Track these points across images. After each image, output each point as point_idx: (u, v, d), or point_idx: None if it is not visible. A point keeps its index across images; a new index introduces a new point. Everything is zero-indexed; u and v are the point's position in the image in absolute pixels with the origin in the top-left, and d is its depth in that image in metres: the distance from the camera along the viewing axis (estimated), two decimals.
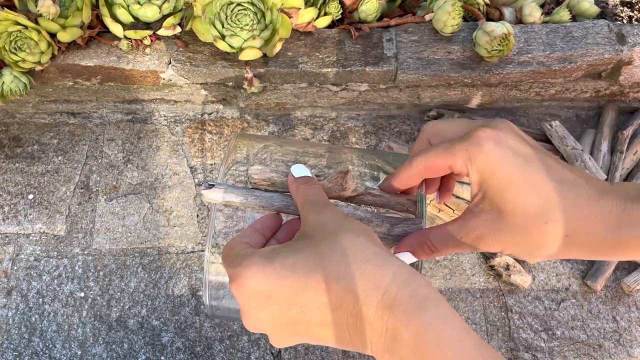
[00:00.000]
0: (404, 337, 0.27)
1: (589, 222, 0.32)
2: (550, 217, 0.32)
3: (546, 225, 0.32)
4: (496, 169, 0.32)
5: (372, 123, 0.90)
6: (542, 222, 0.32)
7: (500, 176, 0.32)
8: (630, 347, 0.75)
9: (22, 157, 0.86)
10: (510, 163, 0.32)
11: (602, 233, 0.32)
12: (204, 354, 0.74)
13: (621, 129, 0.86)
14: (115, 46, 0.79)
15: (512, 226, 0.33)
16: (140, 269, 0.79)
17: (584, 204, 0.32)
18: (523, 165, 0.32)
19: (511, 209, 0.32)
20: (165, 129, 0.89)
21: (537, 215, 0.32)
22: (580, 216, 0.32)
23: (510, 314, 0.77)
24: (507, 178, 0.32)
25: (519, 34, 0.80)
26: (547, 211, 0.32)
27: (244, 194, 0.39)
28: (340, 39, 0.81)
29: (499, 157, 0.32)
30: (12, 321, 0.76)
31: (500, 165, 0.32)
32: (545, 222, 0.32)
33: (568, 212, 0.32)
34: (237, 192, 0.39)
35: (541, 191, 0.32)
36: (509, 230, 0.33)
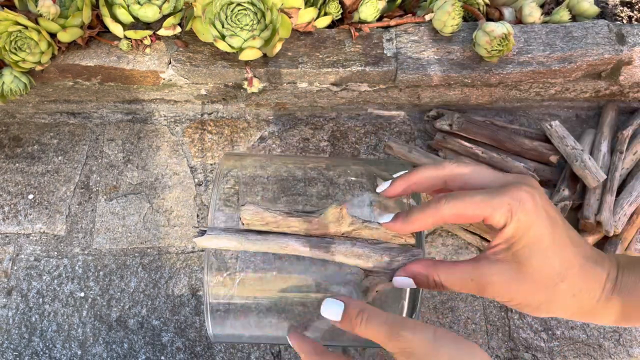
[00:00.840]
0: None
1: (590, 285, 0.36)
2: (566, 276, 0.35)
3: (562, 284, 0.35)
4: (532, 227, 0.35)
5: (372, 123, 0.90)
6: (558, 281, 0.35)
7: (534, 234, 0.35)
8: (630, 347, 0.76)
9: (22, 157, 0.86)
10: (543, 223, 0.35)
11: (597, 296, 0.36)
12: (204, 353, 0.74)
13: (621, 129, 0.86)
14: (115, 46, 0.79)
15: (529, 281, 0.35)
16: (141, 268, 0.79)
17: (590, 267, 0.36)
18: (552, 227, 0.35)
19: (534, 265, 0.35)
20: (165, 129, 0.89)
21: (556, 274, 0.35)
22: (588, 278, 0.36)
23: (510, 313, 0.77)
24: (539, 236, 0.35)
25: (518, 34, 0.81)
26: (564, 270, 0.35)
27: (238, 238, 0.38)
28: (340, 39, 0.81)
29: (537, 216, 0.35)
30: (12, 321, 0.76)
31: (536, 224, 0.35)
32: (562, 281, 0.35)
33: (579, 274, 0.36)
34: (230, 237, 0.38)
35: (564, 252, 0.35)
36: (524, 283, 0.35)
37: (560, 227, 0.36)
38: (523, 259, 0.35)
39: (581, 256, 0.36)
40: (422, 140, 0.89)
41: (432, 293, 0.78)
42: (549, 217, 0.35)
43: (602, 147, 0.84)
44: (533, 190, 0.35)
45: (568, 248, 0.36)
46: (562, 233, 0.36)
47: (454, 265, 0.37)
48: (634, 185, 0.81)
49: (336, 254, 0.39)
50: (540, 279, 0.35)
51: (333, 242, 0.39)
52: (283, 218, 0.38)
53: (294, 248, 0.38)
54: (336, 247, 0.39)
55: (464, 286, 0.36)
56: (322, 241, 0.39)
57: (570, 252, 0.36)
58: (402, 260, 0.39)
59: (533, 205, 0.35)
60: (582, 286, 0.36)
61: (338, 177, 0.47)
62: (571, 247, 0.36)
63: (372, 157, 0.87)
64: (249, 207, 0.38)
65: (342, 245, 0.39)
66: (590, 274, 0.36)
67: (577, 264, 0.36)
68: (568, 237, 0.36)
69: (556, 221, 0.36)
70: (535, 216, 0.35)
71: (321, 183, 0.47)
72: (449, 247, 0.81)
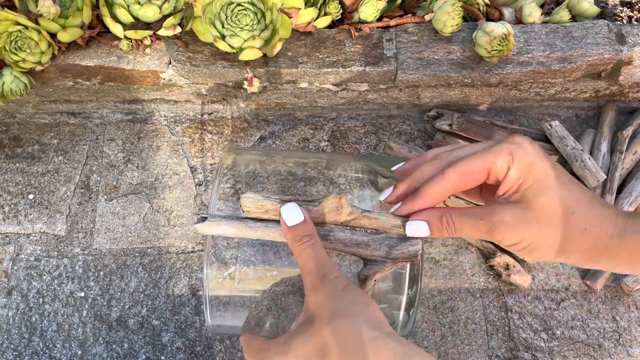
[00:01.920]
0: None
1: (602, 220, 0.36)
2: (575, 210, 0.35)
3: (572, 217, 0.35)
4: (534, 165, 0.35)
5: (372, 123, 0.90)
6: (569, 214, 0.35)
7: (538, 172, 0.35)
8: (630, 346, 0.75)
9: (23, 157, 0.87)
10: (544, 162, 0.36)
11: (611, 232, 0.35)
12: (204, 353, 0.74)
13: (621, 128, 0.86)
14: (116, 46, 0.79)
15: (539, 217, 0.35)
16: (141, 268, 0.79)
17: (598, 205, 0.36)
18: (553, 166, 0.36)
19: (543, 201, 0.35)
20: (165, 129, 0.89)
21: (566, 207, 0.35)
22: (597, 213, 0.36)
23: (510, 313, 0.77)
24: (543, 173, 0.35)
25: (518, 34, 0.81)
26: (574, 203, 0.35)
27: (238, 225, 0.39)
28: (340, 39, 0.81)
29: (536, 155, 0.36)
30: (13, 321, 0.76)
31: (537, 162, 0.36)
32: (572, 214, 0.35)
33: (589, 208, 0.35)
34: (230, 224, 0.38)
35: (570, 187, 0.36)
36: (534, 222, 0.35)
37: (560, 168, 0.37)
38: (531, 197, 0.35)
39: (588, 193, 0.36)
40: (422, 140, 0.89)
41: (432, 293, 0.78)
42: (547, 158, 0.36)
43: (602, 147, 0.84)
44: (526, 138, 0.37)
45: (573, 184, 0.36)
46: (563, 172, 0.36)
47: (466, 207, 0.38)
48: (634, 185, 0.80)
49: (335, 242, 0.39)
50: (551, 214, 0.35)
51: (332, 230, 0.39)
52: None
53: None
54: (335, 236, 0.39)
55: (474, 227, 0.36)
56: (321, 230, 0.39)
57: (577, 187, 0.36)
58: (399, 250, 0.39)
59: (530, 146, 0.36)
60: (593, 220, 0.35)
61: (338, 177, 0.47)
62: (576, 184, 0.36)
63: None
64: (249, 194, 0.38)
65: (341, 233, 0.39)
66: (599, 209, 0.36)
67: (585, 199, 0.36)
68: (570, 177, 0.37)
69: (554, 163, 0.37)
70: (535, 155, 0.36)
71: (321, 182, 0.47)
72: (449, 247, 0.81)
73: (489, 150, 0.36)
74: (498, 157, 0.36)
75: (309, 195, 0.46)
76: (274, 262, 0.43)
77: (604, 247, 0.36)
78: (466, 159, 0.36)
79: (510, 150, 0.36)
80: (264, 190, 0.45)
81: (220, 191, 0.44)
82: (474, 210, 0.37)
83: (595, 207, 0.36)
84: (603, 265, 0.37)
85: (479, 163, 0.36)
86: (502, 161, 0.36)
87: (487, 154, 0.36)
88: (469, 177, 0.36)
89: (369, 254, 0.39)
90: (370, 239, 0.39)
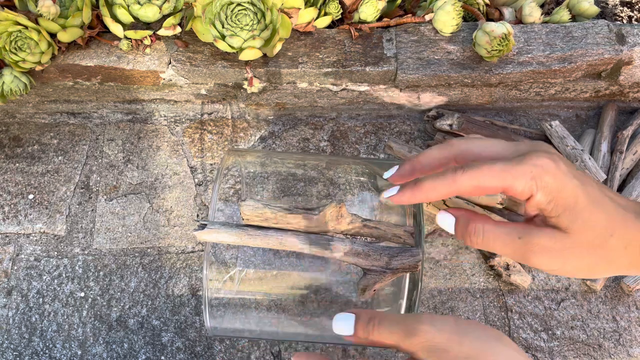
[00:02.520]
0: None
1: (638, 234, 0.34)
2: (614, 231, 0.34)
3: (611, 238, 0.33)
4: (563, 190, 0.33)
5: (372, 123, 0.90)
6: (608, 236, 0.33)
7: (568, 196, 0.33)
8: (630, 347, 0.75)
9: (22, 157, 0.87)
10: (573, 183, 0.33)
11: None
12: (204, 353, 0.74)
13: (621, 129, 0.86)
14: (116, 46, 0.79)
15: (578, 245, 0.34)
16: (141, 268, 0.79)
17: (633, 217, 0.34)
18: (584, 185, 0.34)
19: (579, 227, 0.33)
20: (165, 129, 0.89)
21: (604, 229, 0.33)
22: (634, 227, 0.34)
23: (510, 313, 0.77)
24: (575, 197, 0.33)
25: (518, 34, 0.81)
26: (611, 224, 0.34)
27: (238, 233, 0.38)
28: (340, 39, 0.81)
29: (565, 177, 0.33)
30: (12, 321, 0.76)
31: (567, 186, 0.33)
32: (611, 235, 0.33)
33: (625, 225, 0.34)
34: (230, 232, 0.38)
35: (604, 207, 0.34)
36: (574, 247, 0.34)
37: (592, 184, 0.34)
38: (567, 223, 0.33)
39: (622, 208, 0.34)
40: (422, 140, 0.89)
41: (432, 293, 0.78)
42: (576, 177, 0.34)
43: (602, 147, 0.84)
44: (553, 155, 0.34)
45: (607, 202, 0.34)
46: (595, 190, 0.34)
47: (504, 222, 0.36)
48: (634, 185, 0.80)
49: (335, 251, 0.39)
50: (590, 239, 0.33)
51: (332, 239, 0.39)
52: (283, 214, 0.38)
53: (293, 245, 0.38)
54: (335, 245, 0.39)
55: (508, 244, 0.34)
56: (321, 238, 0.39)
57: (611, 206, 0.34)
58: (399, 260, 0.39)
59: (557, 168, 0.33)
60: (633, 236, 0.34)
61: (338, 178, 0.47)
62: (610, 202, 0.34)
63: (372, 157, 0.87)
64: (249, 202, 0.38)
65: (341, 243, 0.39)
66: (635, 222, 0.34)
67: (621, 216, 0.34)
68: (602, 192, 0.35)
69: (585, 180, 0.34)
70: (563, 178, 0.33)
71: (321, 182, 0.47)
72: (449, 247, 0.81)
73: (509, 171, 0.33)
74: (517, 180, 0.33)
75: (309, 196, 0.46)
76: (274, 263, 0.43)
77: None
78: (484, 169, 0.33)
79: (534, 175, 0.33)
80: (264, 191, 0.45)
81: (221, 192, 0.44)
82: (510, 226, 0.35)
83: (630, 221, 0.34)
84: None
85: (495, 181, 0.33)
86: (522, 185, 0.33)
87: (506, 174, 0.33)
88: (481, 189, 0.34)
89: (369, 264, 0.39)
90: (370, 249, 0.39)
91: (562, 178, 0.33)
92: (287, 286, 0.43)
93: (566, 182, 0.33)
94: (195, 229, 0.38)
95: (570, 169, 0.34)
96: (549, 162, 0.33)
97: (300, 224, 0.39)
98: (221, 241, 0.38)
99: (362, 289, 0.40)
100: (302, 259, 0.43)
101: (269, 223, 0.38)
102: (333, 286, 0.44)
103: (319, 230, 0.39)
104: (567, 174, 0.33)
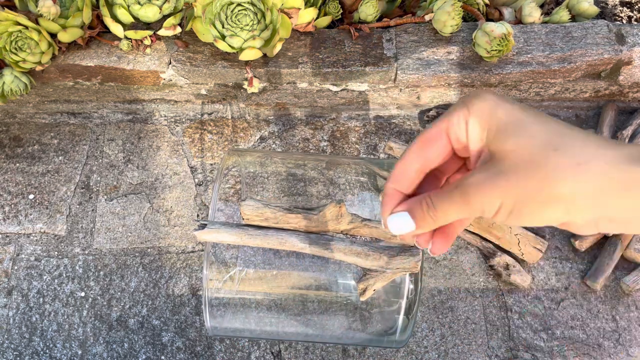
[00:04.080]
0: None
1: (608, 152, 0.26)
2: (558, 144, 0.27)
3: (555, 153, 0.27)
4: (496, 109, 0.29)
5: (372, 123, 0.90)
6: (550, 150, 0.27)
7: (501, 114, 0.29)
8: (629, 346, 0.76)
9: (23, 157, 0.87)
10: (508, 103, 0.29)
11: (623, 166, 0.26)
12: (204, 353, 0.74)
13: (620, 128, 0.86)
14: (116, 46, 0.79)
15: (516, 164, 0.28)
16: (141, 268, 0.79)
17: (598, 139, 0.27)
18: (522, 107, 0.29)
19: (513, 144, 0.28)
20: (165, 129, 0.89)
21: (544, 144, 0.27)
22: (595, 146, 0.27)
23: (510, 313, 0.77)
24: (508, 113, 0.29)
25: (518, 34, 0.81)
26: (555, 138, 0.27)
27: (238, 232, 0.38)
28: (340, 39, 0.81)
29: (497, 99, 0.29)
30: (13, 321, 0.76)
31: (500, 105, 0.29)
32: (554, 149, 0.27)
33: (579, 141, 0.27)
34: (230, 232, 0.38)
35: (546, 125, 0.28)
36: (511, 170, 0.28)
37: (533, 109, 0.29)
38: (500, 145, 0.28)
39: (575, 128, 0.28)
40: None
41: (432, 293, 0.78)
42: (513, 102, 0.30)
43: None
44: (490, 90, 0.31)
45: (552, 122, 0.28)
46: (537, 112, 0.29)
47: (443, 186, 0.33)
48: None
49: (335, 251, 0.39)
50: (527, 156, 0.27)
51: (332, 239, 0.39)
52: (283, 214, 0.38)
53: (293, 244, 0.38)
54: (335, 245, 0.39)
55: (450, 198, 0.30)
56: (321, 238, 0.39)
57: (557, 123, 0.28)
58: (399, 260, 0.39)
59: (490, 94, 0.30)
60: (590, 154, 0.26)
61: (338, 178, 0.47)
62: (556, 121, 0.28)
63: (372, 157, 0.87)
64: (249, 202, 0.38)
65: (341, 242, 0.39)
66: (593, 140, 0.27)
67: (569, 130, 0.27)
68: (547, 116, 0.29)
69: (525, 105, 0.30)
70: (496, 100, 0.29)
71: (321, 182, 0.47)
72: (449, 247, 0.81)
73: (447, 112, 0.30)
74: (453, 114, 0.30)
75: (309, 195, 0.46)
76: (274, 262, 0.43)
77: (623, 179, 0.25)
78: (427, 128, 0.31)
79: (466, 102, 0.30)
80: (264, 191, 0.45)
81: (221, 192, 0.44)
82: (452, 183, 0.30)
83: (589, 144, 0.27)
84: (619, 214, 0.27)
85: (435, 126, 0.30)
86: (457, 117, 0.30)
87: (444, 116, 0.30)
88: (431, 146, 0.31)
89: (369, 263, 0.39)
90: (370, 249, 0.39)
91: (494, 100, 0.29)
92: (287, 286, 0.43)
93: (499, 103, 0.29)
94: (196, 228, 0.38)
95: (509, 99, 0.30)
96: (486, 93, 0.30)
97: (300, 224, 0.39)
98: (221, 241, 0.38)
99: (362, 289, 0.40)
100: (302, 259, 0.43)
101: (269, 223, 0.38)
102: (333, 286, 0.44)
103: (319, 230, 0.39)
104: (501, 98, 0.30)
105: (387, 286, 0.43)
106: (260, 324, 0.45)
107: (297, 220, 0.38)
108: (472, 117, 0.29)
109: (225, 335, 0.44)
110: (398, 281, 0.44)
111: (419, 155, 0.31)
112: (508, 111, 0.29)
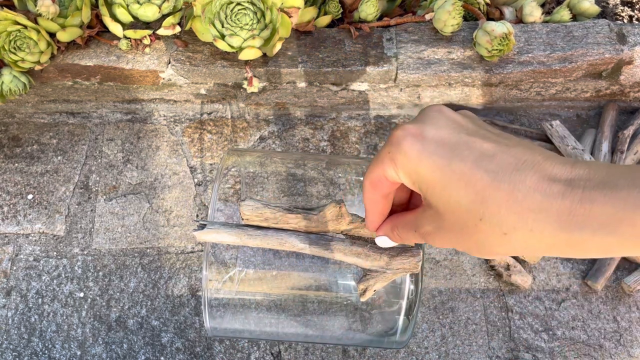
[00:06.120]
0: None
1: (530, 217, 0.26)
2: (483, 214, 0.27)
3: (481, 222, 0.27)
4: (419, 168, 0.29)
5: (372, 123, 0.90)
6: (477, 220, 0.27)
7: (425, 175, 0.29)
8: (630, 347, 0.75)
9: (22, 157, 0.86)
10: (431, 159, 0.28)
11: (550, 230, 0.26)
12: (203, 354, 0.74)
13: (622, 128, 0.85)
14: (115, 46, 0.79)
15: (452, 225, 0.29)
16: (140, 269, 0.79)
17: (524, 196, 0.26)
18: (448, 158, 0.28)
19: (445, 208, 0.29)
20: (164, 128, 0.89)
21: (470, 212, 0.28)
22: (519, 210, 0.26)
23: (511, 314, 0.77)
24: (431, 176, 0.28)
25: (519, 33, 0.80)
26: (478, 206, 0.27)
27: (237, 233, 0.38)
28: (340, 39, 0.81)
29: (419, 153, 0.29)
30: (12, 321, 0.75)
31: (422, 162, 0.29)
32: (480, 219, 0.27)
33: (503, 207, 0.27)
34: (229, 232, 0.38)
35: (470, 185, 0.27)
36: (450, 229, 0.29)
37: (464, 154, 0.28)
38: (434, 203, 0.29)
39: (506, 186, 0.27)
40: None
41: (432, 293, 0.78)
42: (442, 148, 0.29)
43: (602, 147, 0.84)
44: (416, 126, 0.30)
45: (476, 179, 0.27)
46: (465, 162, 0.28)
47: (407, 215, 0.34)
48: None
49: (335, 251, 0.39)
50: (459, 220, 0.28)
51: (332, 239, 0.39)
52: (282, 214, 0.38)
53: (293, 245, 0.38)
54: (335, 245, 0.39)
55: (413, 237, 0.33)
56: (321, 238, 0.39)
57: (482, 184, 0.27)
58: (399, 261, 0.39)
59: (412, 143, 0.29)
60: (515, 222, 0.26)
61: (338, 178, 0.47)
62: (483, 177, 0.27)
63: (372, 157, 0.87)
64: (248, 202, 0.38)
65: (341, 243, 0.39)
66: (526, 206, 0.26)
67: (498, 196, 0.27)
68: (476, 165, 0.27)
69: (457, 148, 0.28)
70: (417, 154, 0.29)
71: (321, 182, 0.46)
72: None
73: (379, 155, 0.31)
74: (385, 165, 0.30)
75: (309, 196, 0.46)
76: (274, 263, 0.43)
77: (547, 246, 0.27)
78: (370, 166, 0.32)
79: (392, 156, 0.30)
80: (264, 191, 0.45)
81: (221, 192, 0.44)
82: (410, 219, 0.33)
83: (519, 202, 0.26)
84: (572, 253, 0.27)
85: (376, 171, 0.31)
86: (389, 171, 0.30)
87: (378, 160, 0.31)
88: (381, 187, 0.32)
89: (369, 264, 0.39)
90: (370, 249, 0.39)
91: (416, 155, 0.29)
92: (287, 286, 0.43)
93: (421, 159, 0.29)
94: (195, 229, 0.38)
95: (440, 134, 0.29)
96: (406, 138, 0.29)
97: (300, 224, 0.38)
98: (221, 241, 0.38)
99: (362, 289, 0.39)
100: (302, 259, 0.42)
101: (268, 223, 0.38)
102: (333, 286, 0.44)
103: (319, 230, 0.39)
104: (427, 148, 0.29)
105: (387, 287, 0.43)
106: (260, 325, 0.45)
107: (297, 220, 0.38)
108: (401, 173, 0.30)
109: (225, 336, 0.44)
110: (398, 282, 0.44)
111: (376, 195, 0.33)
112: (430, 168, 0.28)
